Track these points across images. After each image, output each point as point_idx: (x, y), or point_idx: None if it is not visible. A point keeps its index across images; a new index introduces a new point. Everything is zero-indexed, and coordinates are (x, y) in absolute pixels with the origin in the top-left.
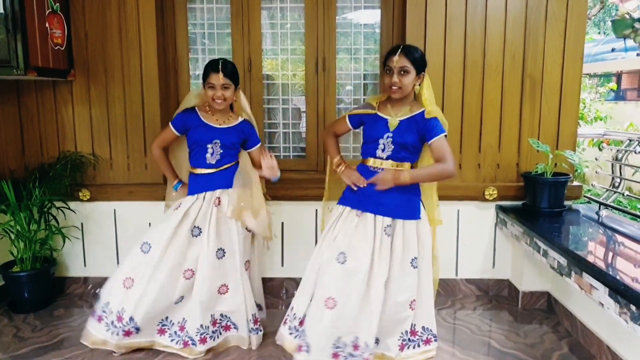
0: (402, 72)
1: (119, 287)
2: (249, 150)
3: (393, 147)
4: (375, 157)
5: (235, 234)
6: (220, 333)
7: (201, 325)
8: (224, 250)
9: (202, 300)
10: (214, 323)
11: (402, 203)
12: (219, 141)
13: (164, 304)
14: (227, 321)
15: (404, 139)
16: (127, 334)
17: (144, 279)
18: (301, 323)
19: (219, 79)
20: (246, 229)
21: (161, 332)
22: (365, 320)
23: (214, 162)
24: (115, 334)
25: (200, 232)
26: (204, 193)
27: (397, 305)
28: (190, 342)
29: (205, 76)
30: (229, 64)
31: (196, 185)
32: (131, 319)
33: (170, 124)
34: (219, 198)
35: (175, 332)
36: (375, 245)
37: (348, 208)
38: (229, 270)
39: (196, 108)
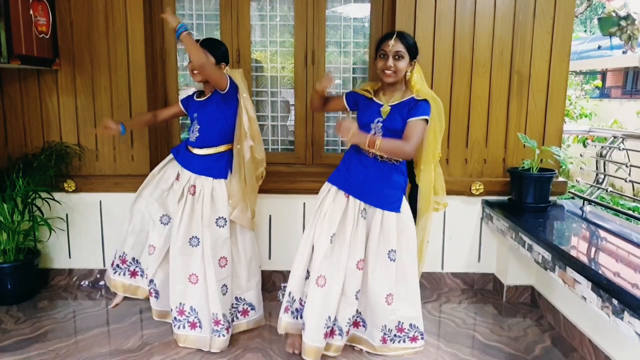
0: (396, 57)
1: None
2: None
3: (382, 132)
4: None
5: (207, 225)
6: (184, 327)
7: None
8: (198, 238)
9: (172, 286)
10: (180, 312)
11: (384, 193)
12: (196, 115)
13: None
14: (195, 317)
15: (393, 125)
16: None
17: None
18: (301, 303)
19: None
20: (216, 222)
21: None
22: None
23: (194, 140)
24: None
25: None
26: (184, 171)
27: (375, 296)
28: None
29: None
30: (211, 39)
31: (182, 158)
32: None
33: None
34: (194, 186)
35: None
36: (353, 226)
37: (335, 187)
38: (199, 260)
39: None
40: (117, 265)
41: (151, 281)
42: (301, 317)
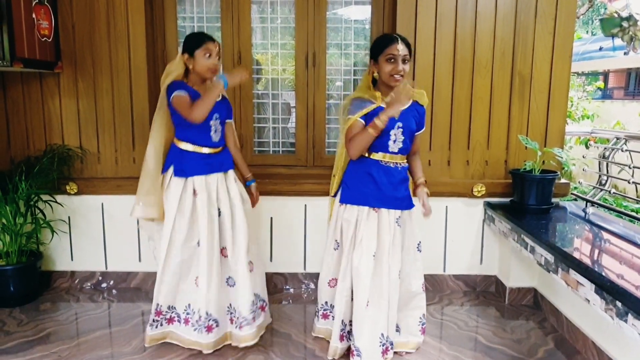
0: (404, 61)
1: (191, 286)
2: (226, 122)
3: (403, 137)
4: (387, 151)
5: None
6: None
7: (252, 302)
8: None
9: (252, 284)
10: (262, 308)
11: (408, 194)
12: (218, 115)
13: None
14: (262, 302)
15: (410, 127)
16: (209, 329)
17: (204, 274)
18: (350, 325)
19: (216, 46)
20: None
21: (231, 321)
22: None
23: (217, 140)
24: (200, 332)
25: (220, 213)
26: (216, 174)
27: (413, 293)
28: (244, 323)
29: (198, 44)
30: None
31: (204, 166)
32: (207, 313)
33: (181, 92)
34: (234, 177)
35: (237, 317)
36: (390, 238)
37: (366, 208)
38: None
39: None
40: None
41: (207, 314)
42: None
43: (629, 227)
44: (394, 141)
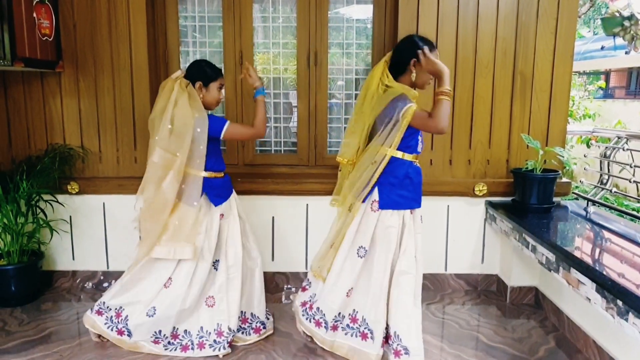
0: None
1: (203, 308)
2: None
3: (422, 137)
4: (416, 152)
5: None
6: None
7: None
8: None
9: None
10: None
11: None
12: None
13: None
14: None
15: None
16: (257, 330)
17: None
18: (387, 336)
19: (224, 80)
20: None
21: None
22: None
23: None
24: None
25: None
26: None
27: None
28: (261, 328)
29: (215, 77)
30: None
31: (227, 189)
32: (229, 329)
33: (228, 122)
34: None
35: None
36: (420, 236)
37: (408, 211)
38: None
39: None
40: (169, 342)
41: (229, 329)
42: (395, 344)
43: (630, 226)
44: (420, 141)
